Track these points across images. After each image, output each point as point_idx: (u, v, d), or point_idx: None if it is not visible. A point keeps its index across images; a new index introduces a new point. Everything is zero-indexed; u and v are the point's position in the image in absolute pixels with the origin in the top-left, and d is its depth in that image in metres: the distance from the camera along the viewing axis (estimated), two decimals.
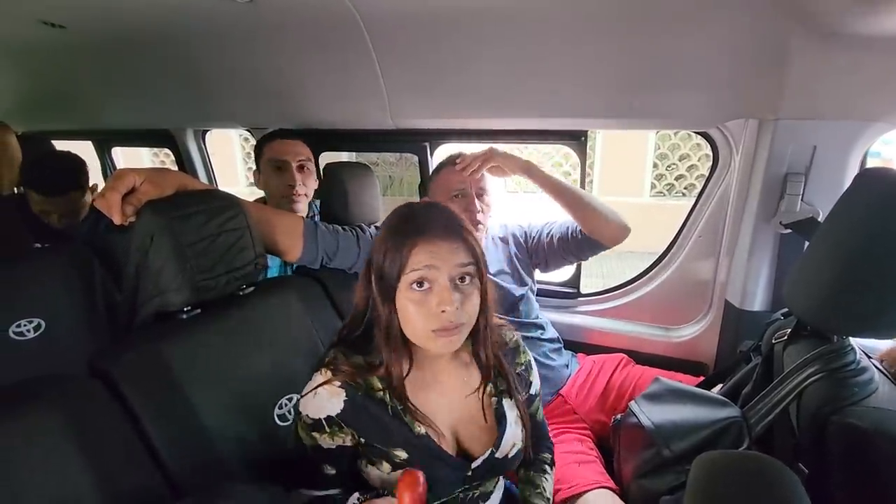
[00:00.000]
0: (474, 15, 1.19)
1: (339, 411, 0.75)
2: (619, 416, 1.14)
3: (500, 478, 0.91)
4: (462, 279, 0.74)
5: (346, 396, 0.75)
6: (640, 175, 6.07)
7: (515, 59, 1.29)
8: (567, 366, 1.41)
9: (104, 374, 0.78)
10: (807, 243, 1.18)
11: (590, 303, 1.64)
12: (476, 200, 1.34)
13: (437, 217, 0.75)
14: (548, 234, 1.43)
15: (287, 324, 1.07)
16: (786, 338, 0.93)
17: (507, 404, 0.85)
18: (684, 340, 1.48)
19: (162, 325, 0.90)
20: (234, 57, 1.62)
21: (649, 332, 1.54)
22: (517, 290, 1.40)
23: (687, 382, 1.24)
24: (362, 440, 0.77)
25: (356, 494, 0.78)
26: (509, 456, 0.84)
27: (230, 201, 0.98)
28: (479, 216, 1.35)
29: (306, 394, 0.77)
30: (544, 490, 0.92)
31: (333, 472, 0.79)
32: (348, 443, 0.77)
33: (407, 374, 0.78)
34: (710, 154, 1.38)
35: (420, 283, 0.72)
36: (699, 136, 1.40)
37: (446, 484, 0.80)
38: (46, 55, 1.86)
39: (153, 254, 0.86)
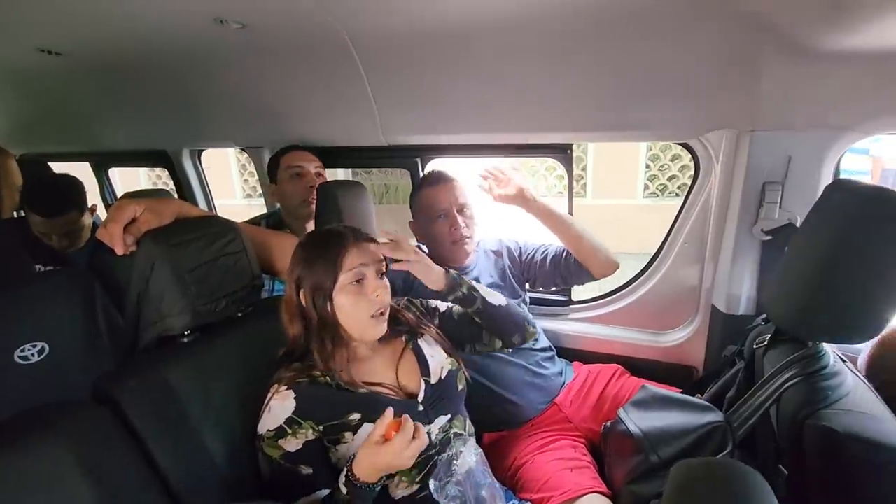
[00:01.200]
0: (459, 34, 1.23)
1: (293, 409, 0.86)
2: (608, 424, 1.17)
3: (472, 441, 0.99)
4: (383, 273, 0.94)
5: (295, 394, 0.87)
6: (633, 177, 6.12)
7: (501, 76, 1.33)
8: (561, 374, 1.44)
9: (109, 400, 0.81)
10: (786, 249, 1.22)
11: (581, 310, 1.67)
12: (458, 218, 1.39)
13: (350, 228, 0.95)
14: (542, 254, 1.47)
15: (285, 342, 1.10)
16: (766, 343, 0.96)
17: (422, 341, 1.04)
18: (673, 345, 1.51)
19: (164, 350, 0.93)
20: (228, 79, 1.66)
21: (639, 338, 1.57)
22: (515, 291, 1.45)
23: (677, 387, 1.27)
24: (320, 428, 0.87)
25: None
26: (443, 378, 1.00)
27: (227, 226, 1.01)
28: (464, 231, 1.39)
29: (262, 415, 0.87)
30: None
31: (311, 470, 0.86)
32: (311, 436, 0.86)
33: (343, 369, 0.92)
34: None
35: (357, 280, 0.89)
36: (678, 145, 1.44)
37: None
38: (44, 81, 1.90)
39: (154, 281, 0.89)
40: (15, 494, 0.65)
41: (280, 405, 0.86)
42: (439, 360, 1.02)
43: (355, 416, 0.88)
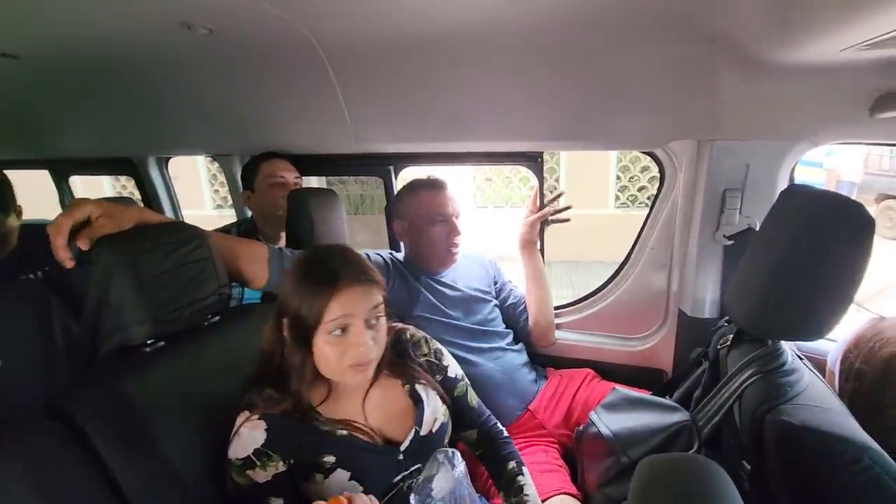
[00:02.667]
0: (430, 44, 1.25)
1: (262, 441, 0.81)
2: (581, 428, 1.18)
3: (446, 459, 0.94)
4: (376, 319, 0.84)
5: (267, 425, 0.82)
6: (604, 187, 6.28)
7: (472, 86, 1.35)
8: (535, 381, 1.45)
9: (64, 414, 0.76)
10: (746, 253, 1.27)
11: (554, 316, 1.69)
12: (457, 226, 1.42)
13: (348, 263, 0.84)
14: (507, 291, 1.59)
15: (255, 352, 1.07)
16: (728, 343, 0.99)
17: (420, 388, 0.95)
18: (644, 349, 1.55)
19: (124, 360, 0.90)
20: (197, 85, 1.63)
21: (612, 343, 1.60)
22: (492, 302, 1.50)
23: (648, 389, 1.30)
24: (291, 461, 0.83)
25: None
26: (433, 431, 0.93)
27: (192, 232, 0.99)
28: (458, 239, 1.42)
29: (231, 439, 0.83)
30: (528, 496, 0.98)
31: (281, 501, 0.82)
32: (282, 469, 0.82)
33: (322, 402, 0.88)
34: None
35: (341, 329, 0.81)
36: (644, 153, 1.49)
37: (382, 473, 0.86)
38: None
39: (113, 289, 0.85)
40: None
41: (249, 434, 0.82)
42: (434, 410, 0.95)
43: (329, 459, 0.83)
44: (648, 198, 6.20)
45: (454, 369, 1.05)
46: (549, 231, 1.60)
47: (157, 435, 0.84)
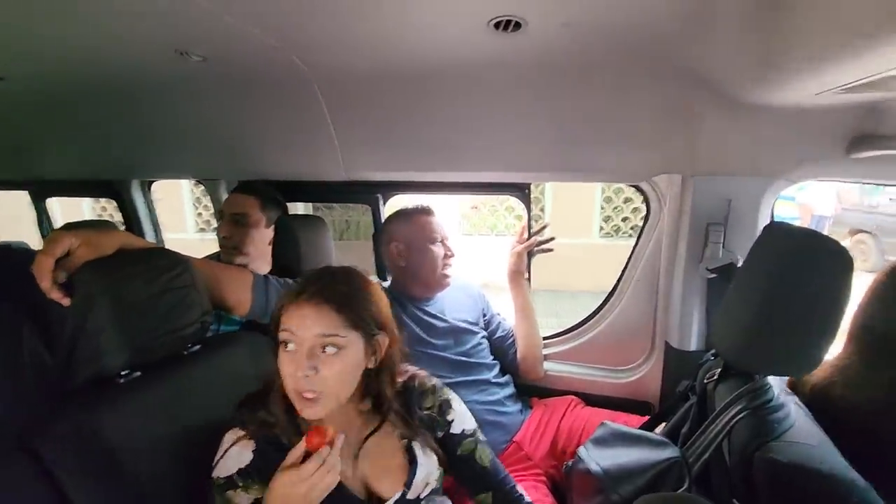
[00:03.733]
0: (421, 76, 1.27)
1: (248, 462, 0.78)
2: (569, 463, 1.16)
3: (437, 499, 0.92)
4: (323, 348, 0.75)
5: (255, 447, 0.79)
6: (588, 217, 6.38)
7: (461, 117, 1.38)
8: (521, 411, 1.43)
9: (30, 449, 0.73)
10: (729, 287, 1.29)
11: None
12: (451, 247, 1.47)
13: (321, 279, 0.79)
14: (496, 323, 1.58)
15: (236, 381, 1.03)
16: (715, 377, 0.99)
17: (418, 445, 0.88)
18: (631, 381, 1.54)
19: (97, 392, 0.86)
20: (185, 110, 1.63)
21: (598, 374, 1.59)
22: (480, 333, 1.49)
23: (634, 423, 1.29)
24: None
25: None
26: (421, 497, 0.86)
27: (174, 259, 0.97)
28: (453, 261, 1.46)
29: (217, 457, 0.79)
30: None
31: None
32: (262, 495, 0.77)
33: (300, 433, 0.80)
34: None
35: (285, 344, 0.76)
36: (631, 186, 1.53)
37: None
38: None
39: (91, 316, 0.83)
40: None
41: (237, 453, 0.78)
42: (428, 471, 0.88)
43: None
44: (632, 228, 6.31)
45: (461, 424, 0.94)
46: (535, 259, 1.61)
47: (128, 473, 0.80)
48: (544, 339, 1.68)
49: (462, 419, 0.95)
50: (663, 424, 1.18)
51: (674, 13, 0.86)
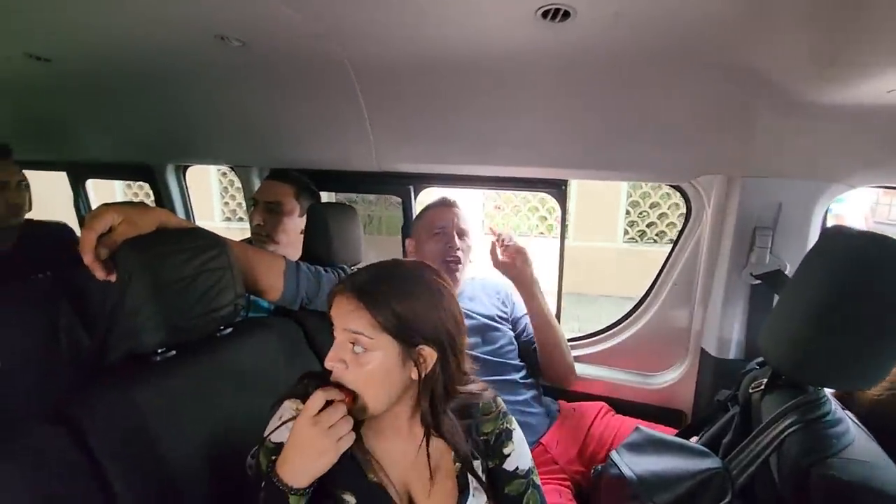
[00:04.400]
0: (459, 67, 1.25)
1: None
2: (599, 467, 1.13)
3: None
4: (352, 345, 0.72)
5: None
6: (613, 221, 6.26)
7: (499, 110, 1.35)
8: (547, 414, 1.40)
9: (70, 420, 0.73)
10: (775, 295, 1.23)
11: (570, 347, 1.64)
12: (456, 239, 1.37)
13: (366, 275, 0.75)
14: (522, 324, 1.48)
15: (265, 367, 1.04)
16: (762, 388, 0.95)
17: (471, 473, 0.80)
18: (662, 388, 1.49)
19: (133, 368, 0.86)
20: (222, 95, 1.64)
21: (627, 379, 1.55)
22: (509, 331, 1.43)
23: (665, 431, 1.24)
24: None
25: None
26: None
27: (213, 240, 0.97)
28: (459, 254, 1.38)
29: (273, 421, 0.76)
30: None
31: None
32: None
33: (369, 426, 0.78)
34: (680, 203, 1.45)
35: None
36: (670, 187, 1.48)
37: None
38: (28, 87, 1.84)
39: (130, 293, 0.83)
40: None
41: (291, 423, 0.74)
42: (477, 502, 0.81)
43: (350, 500, 0.75)
44: (657, 234, 6.18)
45: (517, 461, 0.85)
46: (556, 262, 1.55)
47: (160, 448, 0.81)
48: (575, 340, 1.64)
49: (519, 456, 0.86)
50: (700, 434, 1.14)
51: (734, 6, 0.81)
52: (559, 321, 1.67)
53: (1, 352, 1.21)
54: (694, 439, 1.10)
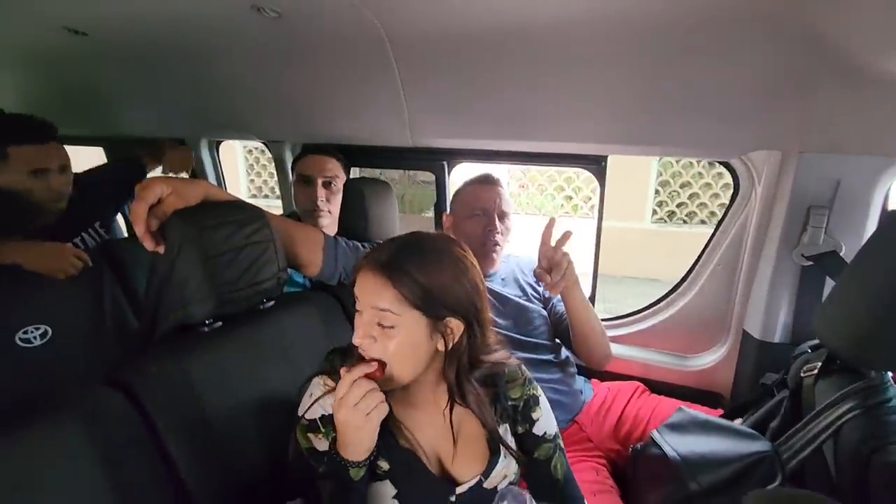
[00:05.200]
0: (498, 37, 1.21)
1: (331, 411, 0.74)
2: (638, 446, 1.12)
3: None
4: (379, 323, 0.71)
5: None
6: (642, 200, 6.11)
7: (538, 83, 1.31)
8: (582, 392, 1.39)
9: (125, 385, 0.76)
10: (827, 276, 1.18)
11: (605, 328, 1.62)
12: (496, 221, 1.34)
13: (389, 249, 0.73)
14: (551, 305, 1.44)
15: (306, 340, 1.05)
16: (816, 372, 0.91)
17: (500, 439, 0.82)
18: (699, 370, 1.46)
19: (183, 338, 0.88)
20: (256, 69, 1.63)
21: (664, 360, 1.52)
22: (542, 311, 1.41)
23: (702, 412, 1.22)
24: None
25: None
26: (497, 487, 0.82)
27: (256, 213, 0.97)
28: (498, 237, 1.35)
29: (305, 398, 0.78)
30: None
31: None
32: None
33: (399, 399, 0.79)
34: (713, 182, 1.39)
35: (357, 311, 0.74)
36: (701, 164, 1.41)
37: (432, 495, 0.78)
38: (66, 61, 1.87)
39: (179, 264, 0.84)
40: (24, 476, 0.60)
41: (323, 401, 0.76)
42: (507, 466, 0.83)
43: (384, 466, 0.77)
44: (687, 214, 6.02)
45: (545, 426, 0.87)
46: (583, 243, 1.49)
47: (209, 413, 0.83)
48: (608, 320, 1.62)
49: (547, 421, 0.88)
50: (740, 418, 1.11)
51: None
52: (593, 304, 1.65)
53: (50, 321, 1.26)
54: (737, 422, 1.08)
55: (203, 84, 1.78)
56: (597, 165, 1.49)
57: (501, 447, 0.81)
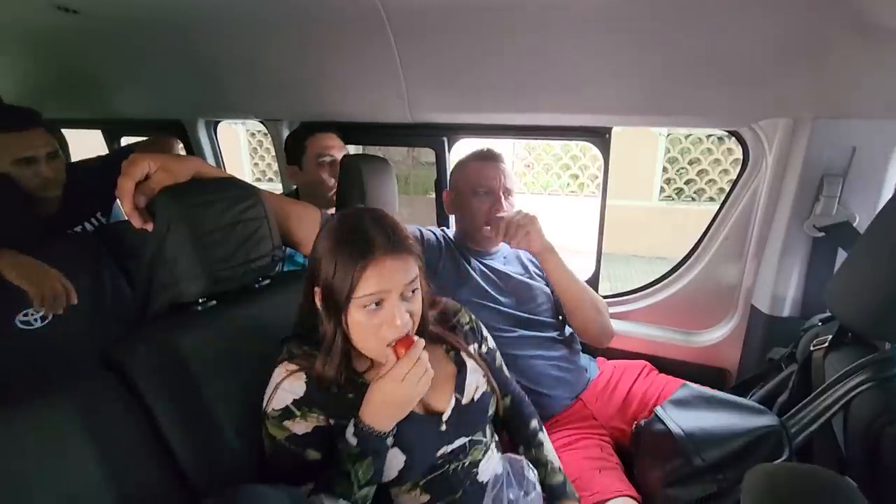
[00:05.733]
0: (498, 7, 1.16)
1: (302, 394, 0.77)
2: (642, 423, 1.10)
3: (494, 449, 0.93)
4: (412, 292, 0.77)
5: (306, 379, 0.78)
6: (649, 178, 6.03)
7: (539, 52, 1.26)
8: (586, 370, 1.37)
9: (118, 366, 0.75)
10: (839, 248, 1.14)
11: (609, 305, 1.60)
12: (502, 200, 1.31)
13: (384, 231, 0.75)
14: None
15: None
16: (826, 345, 0.89)
17: (463, 354, 0.92)
18: (706, 346, 1.44)
19: (177, 317, 0.87)
20: (251, 46, 1.59)
21: (669, 337, 1.50)
22: (545, 288, 1.38)
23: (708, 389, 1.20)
24: (331, 421, 0.79)
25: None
26: (475, 399, 0.89)
27: (249, 190, 0.95)
28: (504, 216, 1.32)
29: (268, 393, 0.79)
30: (552, 461, 0.99)
31: (318, 456, 0.79)
32: (322, 423, 0.79)
33: (367, 370, 0.84)
34: (722, 158, 1.34)
35: (376, 304, 0.74)
36: (711, 140, 1.36)
37: (426, 445, 0.82)
38: (58, 42, 1.84)
39: (170, 241, 0.82)
40: (15, 459, 0.60)
41: (289, 386, 0.78)
42: (476, 378, 0.91)
43: None
44: (696, 191, 5.93)
45: (490, 342, 1.03)
46: (588, 221, 1.47)
47: (205, 393, 0.82)
48: (612, 297, 1.59)
49: (489, 337, 1.03)
50: (749, 393, 1.09)
51: None
52: (598, 281, 1.62)
53: None
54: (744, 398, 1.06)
55: (197, 62, 1.74)
56: (601, 138, 1.44)
57: (466, 360, 0.91)
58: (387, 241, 0.74)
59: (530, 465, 0.90)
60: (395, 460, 0.79)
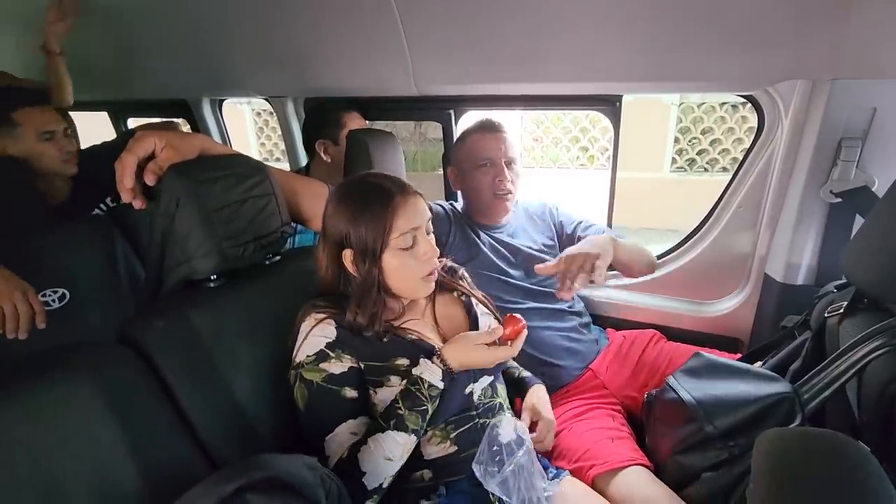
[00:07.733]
0: None
1: (334, 337, 0.82)
2: (653, 392, 1.11)
3: (508, 414, 0.96)
4: (428, 233, 0.87)
5: (336, 324, 0.83)
6: (660, 149, 5.89)
7: (546, 20, 1.22)
8: (596, 341, 1.38)
9: (134, 342, 0.76)
10: (857, 214, 1.12)
11: (618, 276, 1.59)
12: (505, 170, 1.29)
13: (390, 179, 0.86)
14: (583, 231, 1.39)
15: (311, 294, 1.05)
16: (841, 311, 0.87)
17: (474, 301, 0.99)
18: (718, 315, 1.43)
19: (189, 294, 0.88)
20: (253, 22, 1.56)
21: (681, 307, 1.49)
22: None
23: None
24: (362, 365, 0.83)
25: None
26: None
27: (255, 166, 0.94)
28: (509, 185, 1.31)
29: (300, 343, 0.83)
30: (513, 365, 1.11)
31: (356, 394, 0.83)
32: (354, 364, 0.83)
33: (395, 319, 0.90)
34: (736, 127, 1.30)
35: (409, 243, 0.83)
36: (724, 109, 1.32)
37: (456, 382, 0.86)
38: None
39: (179, 219, 0.82)
40: (35, 433, 0.61)
41: (320, 331, 0.83)
42: (487, 321, 0.97)
43: (403, 362, 0.84)
44: (708, 162, 5.80)
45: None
46: (598, 194, 1.45)
47: (219, 366, 0.84)
48: None
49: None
50: (759, 362, 1.09)
51: None
52: None
53: (68, 284, 1.28)
54: (757, 365, 1.06)
55: (199, 39, 1.72)
56: (611, 106, 1.41)
57: (476, 309, 0.98)
58: (399, 185, 0.84)
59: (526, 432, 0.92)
60: None
